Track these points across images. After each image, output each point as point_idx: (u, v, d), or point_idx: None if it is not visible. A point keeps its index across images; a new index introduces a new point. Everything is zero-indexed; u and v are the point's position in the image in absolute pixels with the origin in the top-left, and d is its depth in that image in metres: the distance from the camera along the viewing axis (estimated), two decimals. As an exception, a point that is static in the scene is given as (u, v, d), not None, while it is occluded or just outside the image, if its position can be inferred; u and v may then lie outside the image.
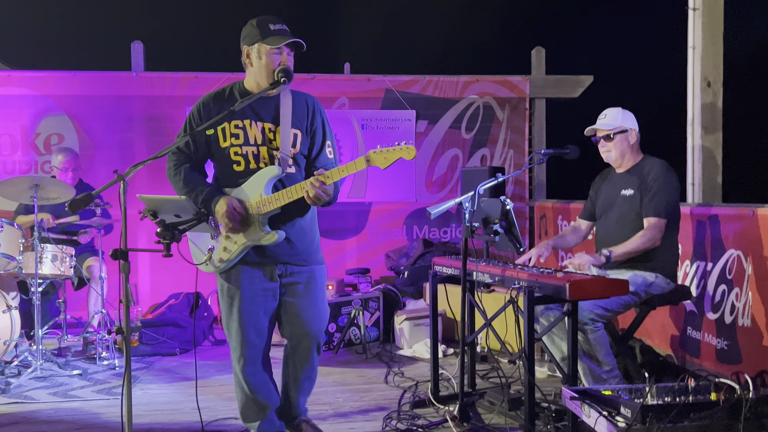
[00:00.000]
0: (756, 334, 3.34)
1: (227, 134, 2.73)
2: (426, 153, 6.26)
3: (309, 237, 2.84)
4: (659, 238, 3.35)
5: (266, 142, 2.72)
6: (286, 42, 2.65)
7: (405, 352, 4.68)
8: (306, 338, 2.86)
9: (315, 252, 2.88)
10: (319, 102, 2.88)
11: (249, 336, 2.79)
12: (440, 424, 3.19)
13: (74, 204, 2.29)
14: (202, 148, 2.80)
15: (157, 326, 4.85)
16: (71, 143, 5.68)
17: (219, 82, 5.83)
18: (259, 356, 2.84)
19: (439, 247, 5.80)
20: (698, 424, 2.27)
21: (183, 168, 2.79)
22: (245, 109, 2.70)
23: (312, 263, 2.84)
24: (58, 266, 4.41)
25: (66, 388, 3.93)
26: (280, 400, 2.99)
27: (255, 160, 2.72)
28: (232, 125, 2.72)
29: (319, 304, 2.86)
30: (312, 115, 2.79)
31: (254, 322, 2.78)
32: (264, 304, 2.80)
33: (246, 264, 2.76)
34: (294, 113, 2.74)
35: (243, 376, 2.85)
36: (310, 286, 2.83)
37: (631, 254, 3.34)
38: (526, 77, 6.34)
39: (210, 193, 2.71)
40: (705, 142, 4.42)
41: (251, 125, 2.72)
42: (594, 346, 3.15)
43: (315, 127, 2.80)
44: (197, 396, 3.10)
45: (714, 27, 4.33)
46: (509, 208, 3.13)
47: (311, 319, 2.84)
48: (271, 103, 2.75)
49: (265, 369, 2.89)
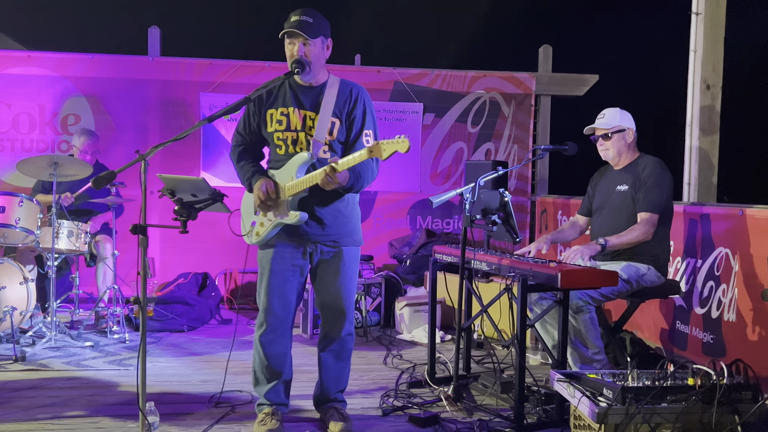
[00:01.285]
0: (740, 328, 3.49)
1: (273, 120, 2.95)
2: (432, 145, 6.40)
3: (343, 220, 2.98)
4: (652, 233, 3.50)
5: (305, 128, 2.91)
6: (283, 32, 2.83)
7: (404, 337, 4.85)
8: (331, 309, 3.04)
9: (349, 234, 3.01)
10: (365, 92, 3.01)
11: (273, 305, 2.98)
12: (435, 402, 3.36)
13: (98, 181, 2.43)
14: (255, 132, 3.03)
15: (166, 303, 5.03)
16: (87, 124, 5.85)
17: (233, 69, 5.99)
18: (279, 327, 3.01)
19: (441, 237, 5.96)
20: (674, 406, 2.43)
21: (238, 149, 3.06)
22: (291, 97, 2.93)
23: (343, 245, 2.99)
24: (73, 242, 4.58)
25: (79, 358, 4.11)
26: (290, 375, 3.13)
27: (293, 144, 2.92)
28: (279, 112, 2.94)
29: (347, 280, 3.02)
30: (354, 103, 2.94)
31: (280, 293, 2.97)
32: (291, 279, 2.99)
33: (280, 240, 2.97)
34: (336, 102, 2.91)
35: (261, 342, 3.03)
36: (338, 264, 3.00)
37: (625, 245, 3.50)
38: (532, 74, 6.46)
39: (253, 173, 2.96)
40: (702, 143, 4.55)
41: (294, 112, 2.92)
42: (584, 328, 3.31)
43: (354, 116, 2.94)
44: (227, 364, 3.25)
45: (715, 32, 4.45)
46: (507, 199, 3.28)
47: (337, 293, 3.01)
48: (315, 92, 2.93)
49: (282, 340, 3.05)
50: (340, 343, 3.08)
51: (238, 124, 3.05)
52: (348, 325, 3.07)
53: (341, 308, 3.04)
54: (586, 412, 2.49)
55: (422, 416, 3.12)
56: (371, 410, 3.31)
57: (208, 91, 6.00)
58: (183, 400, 3.42)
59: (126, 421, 3.10)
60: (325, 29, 2.90)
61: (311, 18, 2.84)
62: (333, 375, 3.11)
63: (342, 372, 3.13)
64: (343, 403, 3.15)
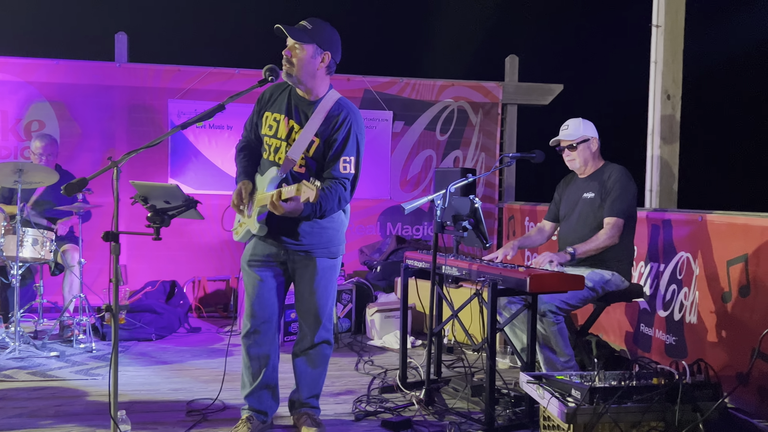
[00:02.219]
0: (701, 329, 3.61)
1: (266, 123, 2.96)
2: (401, 153, 6.46)
3: (319, 230, 2.94)
4: (617, 237, 3.61)
5: (288, 140, 2.90)
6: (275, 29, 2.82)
7: (375, 343, 4.88)
8: (308, 315, 3.04)
9: (324, 245, 2.97)
10: (357, 117, 2.92)
11: (253, 307, 3.02)
12: (406, 407, 3.39)
13: (70, 188, 2.41)
14: (254, 130, 3.06)
15: (134, 312, 4.97)
16: (52, 130, 5.74)
17: (202, 76, 5.96)
18: (261, 329, 3.02)
19: (411, 243, 6.01)
20: (640, 405, 2.51)
21: (240, 145, 3.11)
22: (286, 105, 2.92)
23: (316, 255, 2.97)
24: (38, 250, 4.50)
25: (44, 369, 4.03)
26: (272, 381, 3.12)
27: (274, 153, 2.93)
28: (272, 117, 2.94)
29: (319, 290, 3.00)
30: (338, 126, 2.86)
31: (259, 295, 3.00)
32: (267, 279, 3.00)
33: (258, 244, 3.01)
34: (324, 121, 2.86)
35: (243, 343, 3.06)
36: (312, 273, 2.98)
37: (593, 251, 3.59)
38: (499, 83, 6.58)
39: (239, 173, 3.01)
40: (663, 151, 4.70)
41: (284, 120, 2.91)
42: (554, 337, 3.38)
43: (335, 138, 2.86)
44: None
45: (675, 44, 4.60)
46: (477, 206, 3.35)
47: (309, 300, 3.01)
48: (310, 106, 2.90)
49: (264, 344, 3.04)
50: (315, 349, 3.09)
51: (247, 120, 3.10)
52: (323, 332, 3.07)
53: (316, 316, 3.04)
54: (555, 413, 2.55)
55: (395, 420, 3.15)
56: (344, 416, 3.32)
57: (177, 97, 5.96)
58: (153, 409, 3.38)
59: (96, 429, 3.06)
60: (323, 40, 2.84)
61: (311, 25, 2.83)
62: (307, 380, 3.12)
63: (317, 378, 3.14)
64: (316, 409, 3.16)
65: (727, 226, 3.47)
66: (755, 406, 3.16)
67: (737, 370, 3.23)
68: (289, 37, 2.80)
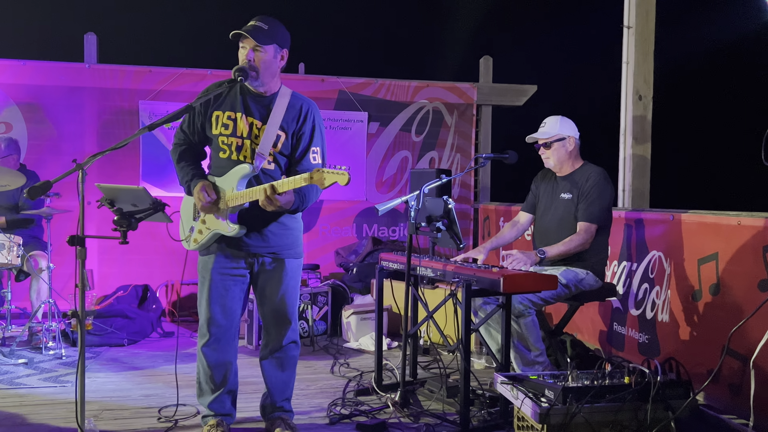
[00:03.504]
0: (673, 327, 3.65)
1: (219, 123, 2.88)
2: (377, 154, 6.45)
3: (285, 232, 2.95)
4: (589, 242, 3.63)
5: (251, 137, 2.86)
6: (232, 34, 2.79)
7: (351, 345, 4.85)
8: (274, 319, 3.00)
9: (290, 247, 2.97)
10: (316, 108, 2.98)
11: (215, 315, 2.93)
12: (382, 409, 3.37)
13: (33, 191, 2.35)
14: (198, 132, 2.95)
15: (105, 317, 4.87)
16: (20, 133, 5.63)
17: (174, 77, 5.89)
18: (223, 336, 2.97)
19: (387, 245, 5.99)
20: (612, 404, 2.52)
21: (180, 149, 2.99)
22: (240, 102, 2.87)
23: (284, 257, 2.95)
24: (5, 255, 4.39)
25: (11, 376, 3.94)
26: (235, 385, 3.10)
27: (237, 151, 2.86)
28: (225, 115, 2.87)
29: (288, 291, 2.98)
30: (303, 120, 2.90)
31: (221, 302, 2.93)
32: (233, 288, 2.94)
33: (221, 249, 2.91)
34: (285, 115, 2.87)
35: (204, 353, 2.98)
36: (279, 274, 2.95)
37: (563, 255, 3.61)
38: (474, 84, 6.60)
39: (193, 176, 2.90)
40: (636, 151, 4.74)
41: (241, 118, 2.86)
42: (526, 331, 3.40)
43: (302, 132, 2.90)
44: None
45: (645, 44, 4.65)
46: (451, 207, 3.34)
47: (280, 302, 2.97)
48: (265, 101, 2.89)
49: (226, 351, 3.00)
50: (283, 351, 3.04)
51: (182, 121, 2.97)
52: (291, 333, 3.04)
53: (285, 317, 3.01)
54: (528, 413, 2.55)
55: (370, 423, 3.13)
56: (318, 419, 3.29)
57: (148, 99, 5.88)
58: (125, 416, 3.32)
59: (63, 439, 2.99)
60: (281, 38, 2.86)
61: (266, 25, 2.81)
62: (277, 383, 3.07)
63: (287, 381, 3.10)
64: (290, 413, 3.12)
65: (698, 225, 3.51)
66: (726, 402, 3.19)
67: (708, 368, 3.26)
68: (252, 39, 2.77)
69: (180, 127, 3.00)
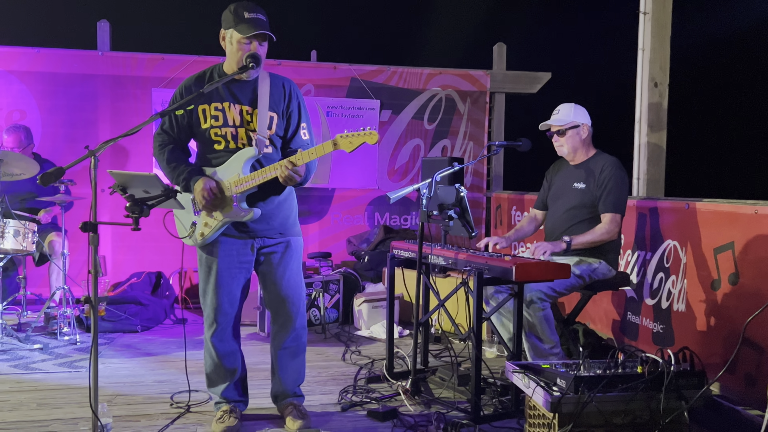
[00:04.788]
0: (689, 317, 3.61)
1: (207, 116, 2.87)
2: (389, 142, 6.42)
3: (285, 212, 2.99)
4: (616, 232, 3.58)
5: (244, 123, 2.86)
6: (254, 33, 2.76)
7: (363, 333, 4.85)
8: (283, 303, 3.00)
9: (291, 225, 3.03)
10: (296, 85, 3.01)
11: (223, 304, 2.95)
12: (393, 397, 3.38)
13: (45, 177, 2.36)
14: (185, 129, 2.94)
15: (118, 303, 4.91)
16: (33, 120, 5.67)
17: (186, 65, 5.88)
18: (230, 324, 3.00)
19: (399, 233, 5.98)
20: (625, 394, 2.49)
21: (167, 148, 2.95)
22: (225, 92, 2.85)
23: (288, 235, 3.00)
24: (20, 241, 4.43)
25: (27, 361, 3.98)
26: (244, 371, 3.12)
27: (234, 140, 2.87)
28: (212, 107, 2.86)
29: (294, 271, 3.02)
30: (288, 98, 2.93)
31: (228, 291, 2.94)
32: (238, 276, 2.96)
33: (226, 237, 2.92)
34: (271, 96, 2.88)
35: (213, 342, 3.00)
36: (285, 256, 2.99)
37: (590, 244, 3.56)
38: (487, 72, 6.54)
39: (190, 173, 2.87)
40: (651, 139, 4.68)
41: (230, 107, 2.86)
42: (539, 323, 3.37)
43: (291, 110, 2.94)
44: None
45: (662, 31, 4.58)
46: (463, 195, 3.32)
47: (287, 285, 2.99)
48: (249, 86, 2.88)
49: (233, 338, 3.04)
50: (295, 337, 3.05)
51: (162, 122, 2.94)
52: (301, 318, 3.05)
53: (293, 300, 3.01)
54: (540, 402, 2.53)
55: (381, 411, 3.13)
56: (330, 406, 3.30)
57: (160, 86, 5.88)
58: (138, 401, 3.35)
59: (77, 423, 3.02)
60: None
61: (264, 17, 2.82)
62: (291, 372, 3.09)
63: (299, 368, 3.12)
64: (301, 397, 3.14)
65: (714, 213, 3.47)
66: (741, 393, 3.16)
67: (724, 358, 3.23)
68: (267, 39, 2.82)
69: (160, 128, 2.96)
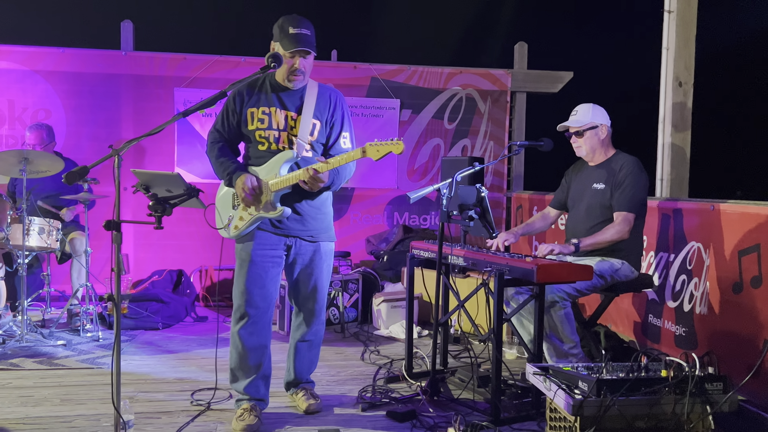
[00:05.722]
0: (712, 321, 3.56)
1: (255, 118, 3.04)
2: (409, 142, 6.40)
3: (320, 216, 3.13)
4: (627, 231, 3.54)
5: (287, 128, 3.03)
6: (295, 50, 2.90)
7: (382, 333, 4.85)
8: (308, 300, 3.18)
9: (324, 230, 3.15)
10: (342, 96, 3.20)
11: (253, 297, 3.02)
12: (412, 397, 3.36)
13: (71, 176, 2.39)
14: (234, 129, 3.10)
15: (140, 301, 4.96)
16: (58, 119, 5.74)
17: (207, 64, 5.92)
18: (260, 320, 3.05)
19: (418, 233, 5.97)
20: (648, 397, 2.46)
21: (218, 145, 3.13)
22: (273, 98, 3.03)
23: (320, 240, 3.13)
24: (44, 239, 4.50)
25: (50, 357, 4.04)
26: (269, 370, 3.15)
27: (276, 142, 3.02)
28: (260, 111, 3.03)
29: (322, 273, 3.17)
30: (333, 108, 3.11)
31: (261, 284, 3.02)
32: (271, 270, 3.05)
33: (261, 232, 3.04)
34: (317, 105, 3.06)
35: (240, 335, 3.04)
36: (315, 258, 3.13)
37: (600, 245, 3.53)
38: (508, 71, 6.50)
39: (234, 169, 3.02)
40: (675, 139, 4.62)
41: (276, 112, 3.03)
42: (560, 323, 3.34)
43: (335, 120, 3.11)
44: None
45: (687, 29, 4.51)
46: (484, 195, 3.30)
47: (313, 287, 3.16)
48: (297, 95, 3.06)
49: (263, 334, 3.08)
50: (315, 332, 3.25)
51: (216, 121, 3.14)
52: (321, 315, 3.25)
53: (317, 300, 3.19)
54: (561, 405, 2.51)
55: (400, 411, 3.12)
56: (349, 406, 3.30)
57: (183, 86, 5.93)
58: (159, 398, 3.38)
59: (100, 419, 3.05)
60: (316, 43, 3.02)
61: (309, 30, 2.94)
62: (306, 362, 3.30)
63: (314, 358, 3.34)
64: (312, 383, 3.36)
65: (740, 215, 3.41)
66: (765, 398, 3.10)
67: (749, 363, 3.17)
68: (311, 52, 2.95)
69: (214, 127, 3.15)
